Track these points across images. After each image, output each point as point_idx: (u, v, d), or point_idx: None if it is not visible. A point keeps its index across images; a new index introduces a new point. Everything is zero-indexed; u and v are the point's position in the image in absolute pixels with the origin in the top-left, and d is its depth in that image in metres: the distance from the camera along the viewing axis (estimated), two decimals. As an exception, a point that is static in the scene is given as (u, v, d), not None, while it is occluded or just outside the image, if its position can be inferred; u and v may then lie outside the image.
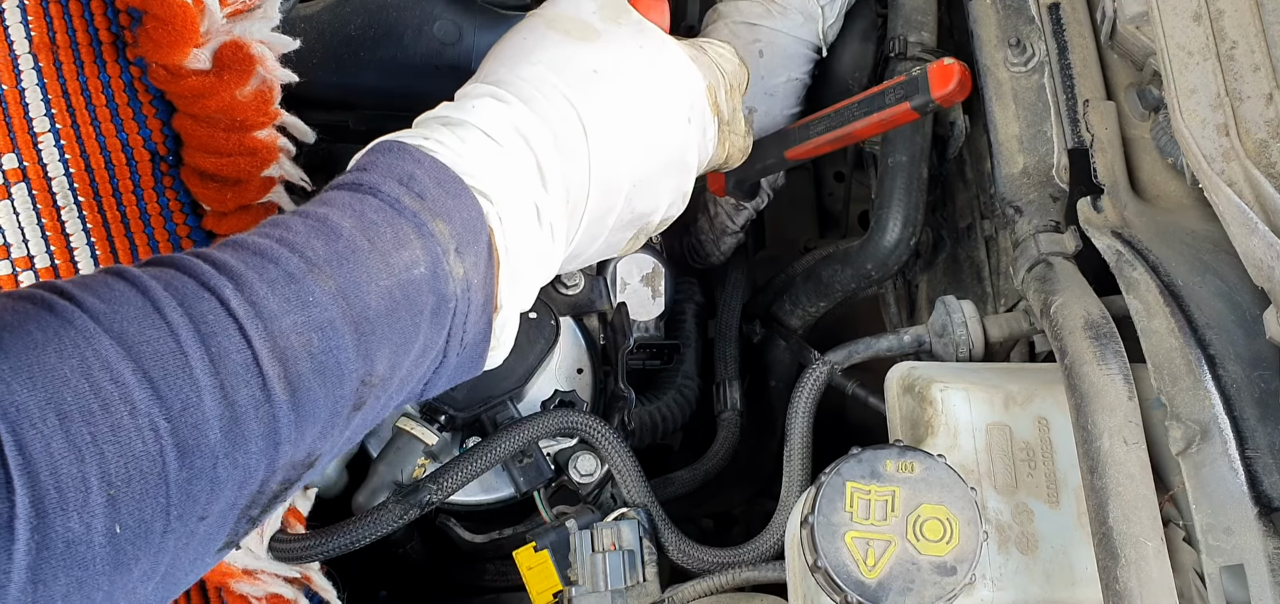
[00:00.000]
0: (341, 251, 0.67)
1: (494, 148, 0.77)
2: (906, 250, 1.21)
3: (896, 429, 0.96)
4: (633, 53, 0.88)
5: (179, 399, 0.58)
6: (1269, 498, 0.77)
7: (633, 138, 0.86)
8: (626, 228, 0.92)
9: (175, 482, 0.58)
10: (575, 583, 1.00)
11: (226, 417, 0.60)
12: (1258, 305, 0.84)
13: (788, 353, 1.35)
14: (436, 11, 1.08)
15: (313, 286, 0.65)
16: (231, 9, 0.87)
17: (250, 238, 0.67)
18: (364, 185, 0.72)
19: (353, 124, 1.08)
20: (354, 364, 0.66)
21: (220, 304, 0.62)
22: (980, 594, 0.84)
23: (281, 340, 0.63)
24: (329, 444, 0.68)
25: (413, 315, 0.69)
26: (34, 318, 0.58)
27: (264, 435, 0.62)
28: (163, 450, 0.57)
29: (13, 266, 0.91)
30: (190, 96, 0.89)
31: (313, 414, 0.65)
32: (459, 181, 0.73)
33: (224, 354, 0.60)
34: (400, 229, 0.70)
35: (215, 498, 0.61)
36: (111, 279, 0.61)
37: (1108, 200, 0.99)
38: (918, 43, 1.22)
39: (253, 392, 0.61)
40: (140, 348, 0.58)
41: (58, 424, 0.54)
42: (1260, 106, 0.86)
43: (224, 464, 0.60)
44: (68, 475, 0.54)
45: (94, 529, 0.55)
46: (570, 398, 1.08)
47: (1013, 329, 1.03)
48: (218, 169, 0.92)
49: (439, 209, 0.72)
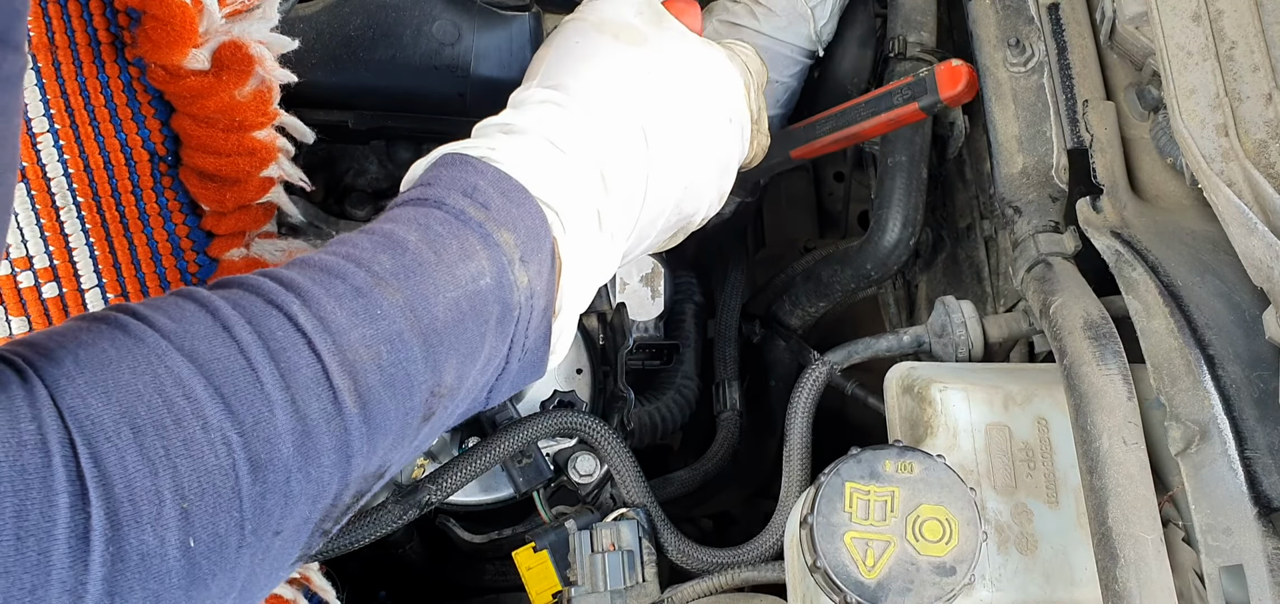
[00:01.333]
0: (408, 265, 0.67)
1: (557, 155, 0.77)
2: (906, 250, 1.21)
3: (896, 429, 0.96)
4: (680, 55, 0.89)
5: (250, 414, 0.59)
6: (1268, 498, 0.77)
7: (685, 141, 0.87)
8: (669, 230, 0.93)
9: (248, 495, 0.58)
10: (574, 583, 1.00)
11: (298, 430, 0.60)
12: (1257, 306, 0.84)
13: (787, 353, 1.35)
14: (436, 11, 1.07)
15: (380, 299, 0.65)
16: (230, 9, 0.87)
17: (317, 256, 0.68)
18: (429, 199, 0.72)
19: (352, 124, 1.08)
20: (423, 375, 0.67)
21: (288, 320, 0.62)
22: (979, 594, 0.84)
23: (350, 353, 0.63)
24: (399, 455, 0.68)
25: (479, 325, 0.70)
26: (107, 336, 0.58)
27: (336, 448, 0.62)
28: (235, 464, 0.58)
29: (11, 267, 0.91)
30: (189, 97, 0.89)
31: (384, 426, 0.65)
32: (523, 191, 0.74)
33: (294, 369, 0.61)
34: (466, 241, 0.70)
35: (289, 512, 0.61)
36: (180, 300, 0.62)
37: (1107, 200, 0.99)
38: (917, 43, 1.22)
39: (324, 405, 0.61)
40: (211, 364, 0.59)
41: (132, 437, 0.55)
42: (1259, 107, 0.86)
43: (297, 478, 0.60)
44: (142, 488, 0.54)
45: (168, 542, 0.55)
46: (569, 398, 1.08)
47: (1012, 329, 1.03)
48: (217, 169, 0.92)
49: (504, 219, 0.72)
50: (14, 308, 0.92)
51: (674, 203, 0.89)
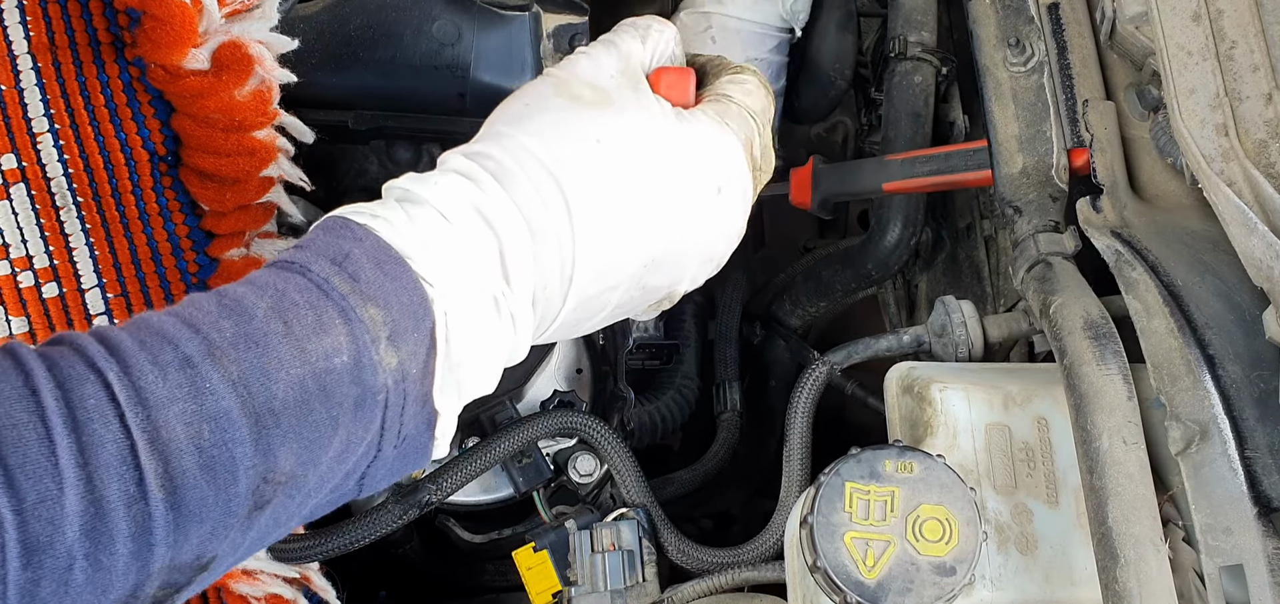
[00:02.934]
0: (251, 334, 0.62)
1: (448, 229, 0.70)
2: (906, 250, 1.21)
3: (896, 429, 0.96)
4: (647, 122, 0.80)
5: (35, 491, 0.54)
6: (1268, 498, 0.77)
7: (637, 216, 0.78)
8: (640, 302, 0.85)
9: (15, 582, 0.53)
10: (574, 583, 1.00)
11: (89, 512, 0.55)
12: (1257, 305, 0.84)
13: (787, 353, 1.35)
14: (436, 11, 1.07)
15: (210, 372, 0.60)
16: (230, 9, 0.87)
17: (155, 317, 0.62)
18: (295, 263, 0.66)
19: (352, 124, 1.08)
20: (251, 460, 0.60)
21: (103, 388, 0.57)
22: (979, 594, 0.84)
23: (165, 431, 0.57)
24: (225, 545, 0.62)
25: (329, 409, 0.63)
26: None
27: (133, 535, 0.57)
28: (4, 545, 0.53)
29: (11, 267, 0.91)
30: (189, 96, 0.89)
31: (198, 513, 0.59)
32: (401, 263, 0.67)
33: (98, 444, 0.56)
34: (323, 313, 0.64)
35: (68, 601, 0.56)
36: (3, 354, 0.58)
37: (1107, 200, 0.99)
38: (918, 43, 1.22)
39: (126, 487, 0.56)
40: (4, 431, 0.54)
41: None
42: (1259, 106, 0.86)
43: (81, 565, 0.55)
44: None
45: None
46: (569, 398, 1.08)
47: (1012, 329, 1.03)
48: (216, 169, 0.92)
49: (373, 293, 0.65)
50: (14, 308, 0.92)
51: (629, 277, 0.80)
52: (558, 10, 1.13)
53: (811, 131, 1.46)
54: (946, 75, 1.23)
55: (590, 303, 0.79)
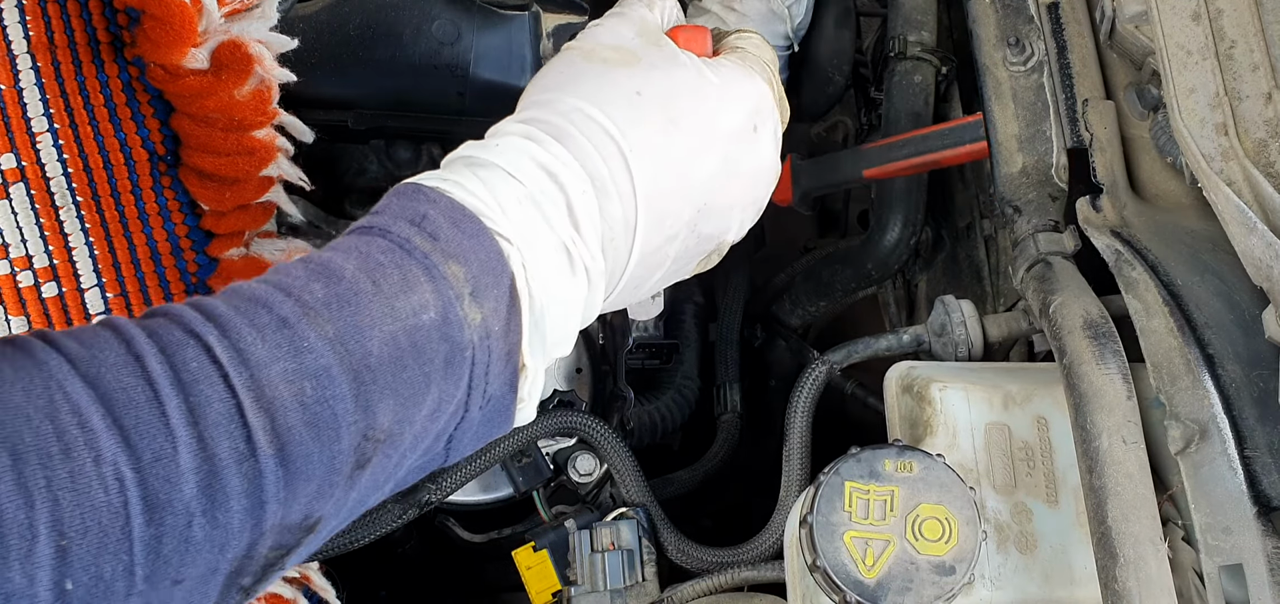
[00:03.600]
0: (342, 294, 0.63)
1: (517, 187, 0.72)
2: (906, 250, 1.21)
3: (895, 429, 0.96)
4: (679, 72, 0.83)
5: (150, 449, 0.55)
6: (1268, 497, 0.77)
7: (688, 161, 0.80)
8: (695, 254, 0.87)
9: (140, 538, 0.54)
10: (574, 583, 1.00)
11: (204, 470, 0.56)
12: (1257, 305, 0.84)
13: (787, 353, 1.35)
14: (435, 11, 1.08)
15: (307, 331, 0.61)
16: (229, 8, 0.87)
17: (247, 284, 0.64)
18: (374, 227, 0.68)
19: (352, 124, 1.08)
20: (352, 416, 0.62)
21: (204, 351, 0.58)
22: (979, 594, 0.84)
23: (269, 389, 0.59)
24: (330, 506, 0.63)
25: (421, 365, 0.64)
26: (6, 358, 0.55)
27: (247, 493, 0.58)
28: (127, 503, 0.54)
29: (11, 267, 0.91)
30: (188, 96, 0.89)
31: (305, 471, 0.60)
32: (476, 222, 0.69)
33: (205, 404, 0.57)
34: (408, 271, 0.65)
35: (190, 560, 0.57)
36: (98, 328, 0.59)
37: (1107, 200, 0.99)
38: (917, 42, 1.22)
39: (235, 444, 0.57)
40: (114, 394, 0.55)
41: (10, 464, 0.51)
42: (1259, 106, 0.86)
43: (200, 522, 0.56)
44: (13, 520, 0.50)
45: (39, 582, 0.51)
46: (569, 398, 1.08)
47: (1012, 329, 1.03)
48: (216, 169, 0.92)
49: (453, 251, 0.67)
50: (14, 308, 0.92)
51: (686, 225, 0.82)
52: (558, 10, 1.13)
53: (812, 131, 1.46)
54: (946, 75, 1.24)
55: (652, 257, 0.81)
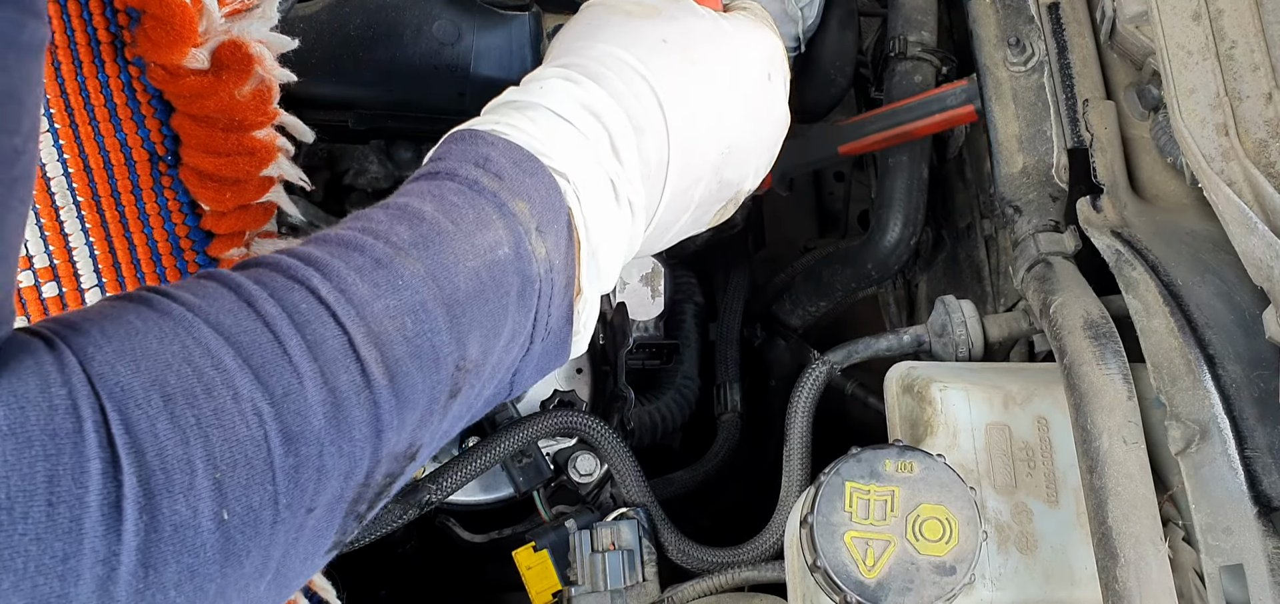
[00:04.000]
0: (426, 235, 0.66)
1: (565, 126, 0.75)
2: (907, 250, 1.21)
3: (896, 429, 0.96)
4: (696, 23, 0.87)
5: (280, 385, 0.57)
6: (1268, 497, 0.77)
7: (713, 105, 0.84)
8: (716, 200, 0.90)
9: (281, 468, 0.57)
10: (575, 583, 1.00)
11: (329, 402, 0.59)
12: (1257, 305, 0.84)
13: (788, 352, 1.35)
14: (436, 11, 1.07)
15: (402, 269, 0.64)
16: (230, 8, 0.87)
17: (333, 231, 0.67)
18: (441, 172, 0.71)
19: (352, 124, 1.08)
20: (449, 347, 0.65)
21: (310, 293, 0.61)
22: (979, 594, 0.84)
23: (375, 325, 0.62)
24: (428, 434, 0.67)
25: (500, 297, 0.68)
26: (132, 310, 0.57)
27: (367, 422, 0.61)
28: (267, 435, 0.56)
29: (12, 267, 0.91)
30: (189, 96, 0.89)
31: (412, 400, 0.63)
32: (535, 161, 0.72)
33: (320, 341, 0.59)
34: (481, 210, 0.69)
35: (322, 488, 0.60)
36: (202, 281, 0.61)
37: (1107, 200, 0.98)
38: (918, 42, 1.22)
39: (352, 377, 0.60)
40: (238, 337, 0.58)
41: (162, 405, 0.53)
42: (1259, 106, 0.86)
43: (330, 451, 0.59)
44: (174, 457, 0.53)
45: (201, 514, 0.53)
46: (569, 398, 1.08)
47: (1012, 329, 1.03)
48: (216, 169, 0.92)
49: (518, 189, 0.70)
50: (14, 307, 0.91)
51: (711, 168, 0.86)
52: (558, 10, 1.13)
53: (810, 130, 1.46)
54: (946, 75, 1.23)
55: (679, 198, 0.84)
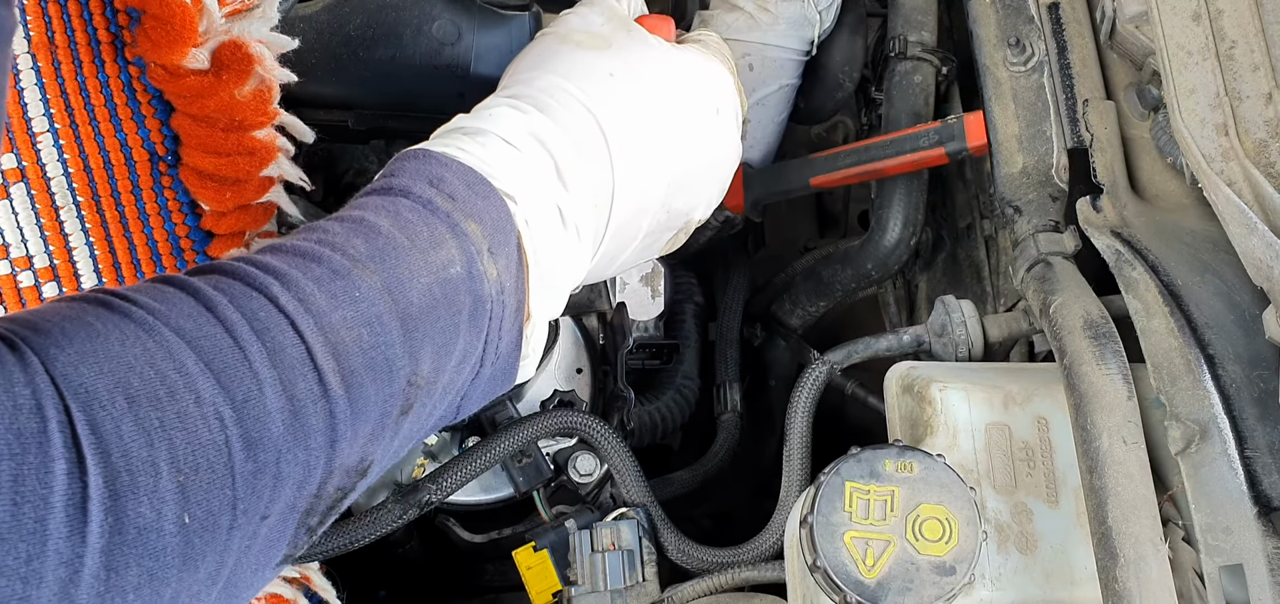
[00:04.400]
0: (382, 249, 0.67)
1: (513, 152, 0.77)
2: (907, 250, 1.21)
3: (896, 429, 0.96)
4: (646, 57, 0.88)
5: (241, 390, 0.58)
6: (1268, 497, 0.77)
7: (659, 138, 0.85)
8: (665, 229, 0.92)
9: (241, 473, 0.57)
10: (575, 583, 1.00)
11: (287, 410, 0.59)
12: (1257, 305, 0.84)
13: (787, 353, 1.35)
14: (436, 11, 1.07)
15: (359, 281, 0.65)
16: (230, 8, 0.87)
17: (289, 242, 0.67)
18: (394, 189, 0.72)
19: (352, 124, 1.08)
20: (402, 361, 0.66)
21: (269, 302, 0.61)
22: (979, 594, 0.84)
23: (332, 335, 0.62)
24: (379, 450, 0.67)
25: (452, 315, 0.69)
26: (90, 312, 0.57)
27: (323, 430, 0.61)
28: (228, 440, 0.57)
29: (11, 266, 0.91)
30: (189, 96, 0.89)
31: (366, 412, 0.64)
32: (486, 184, 0.73)
33: (279, 349, 0.60)
34: (435, 228, 0.70)
35: (277, 495, 0.60)
36: (160, 285, 0.61)
37: (1107, 200, 0.99)
38: (918, 42, 1.22)
39: (310, 385, 0.61)
40: (199, 342, 0.58)
41: (127, 407, 0.53)
42: (1259, 106, 0.86)
43: (287, 458, 0.59)
44: (139, 459, 0.52)
45: (165, 517, 0.53)
46: (569, 398, 1.08)
47: (1012, 329, 1.03)
48: (216, 169, 0.92)
49: (470, 210, 0.71)
50: (14, 307, 0.92)
51: (657, 200, 0.87)
52: (558, 10, 1.13)
53: (812, 131, 1.46)
54: (946, 75, 1.23)
55: (626, 228, 0.86)
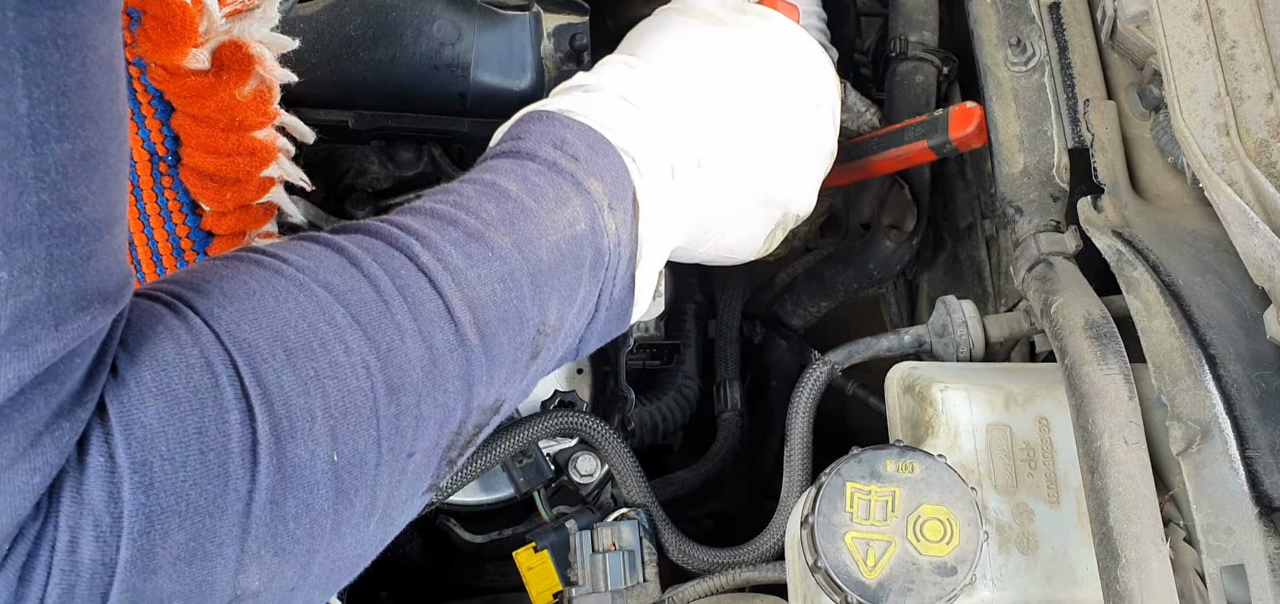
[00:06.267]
0: (511, 212, 0.72)
1: (631, 110, 0.81)
2: (908, 250, 1.21)
3: (897, 429, 0.96)
4: (763, 37, 0.92)
5: (384, 341, 0.63)
6: (1269, 498, 0.77)
7: (767, 121, 0.90)
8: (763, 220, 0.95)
9: (385, 416, 0.62)
10: (575, 583, 1.00)
11: (426, 359, 0.64)
12: (1258, 305, 0.84)
13: (788, 353, 1.35)
14: (436, 11, 1.07)
15: (493, 242, 0.70)
16: (230, 9, 0.87)
17: (427, 203, 0.72)
18: (522, 151, 0.77)
19: (352, 124, 1.08)
20: (531, 313, 0.71)
21: (410, 260, 0.67)
22: (980, 594, 0.84)
23: (469, 291, 0.68)
24: (512, 390, 0.73)
25: (576, 268, 0.74)
26: (246, 271, 0.62)
27: (460, 377, 0.67)
28: (373, 387, 0.62)
29: (12, 267, 0.91)
30: (189, 96, 0.89)
31: (500, 359, 0.69)
32: (606, 142, 0.78)
33: (419, 303, 0.65)
34: (561, 189, 0.75)
35: (420, 435, 0.65)
36: (306, 243, 0.66)
37: (1108, 200, 0.98)
38: (918, 42, 1.22)
39: (447, 336, 0.66)
40: (346, 296, 0.63)
41: (285, 360, 0.59)
42: (1260, 106, 0.86)
43: (427, 402, 0.64)
44: (298, 406, 0.58)
45: (318, 457, 0.59)
46: (570, 398, 1.08)
47: (1013, 329, 1.03)
48: (217, 169, 0.92)
49: (592, 169, 0.76)
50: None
51: (761, 188, 0.91)
52: (558, 10, 1.13)
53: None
54: (948, 75, 1.23)
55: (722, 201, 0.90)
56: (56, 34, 0.49)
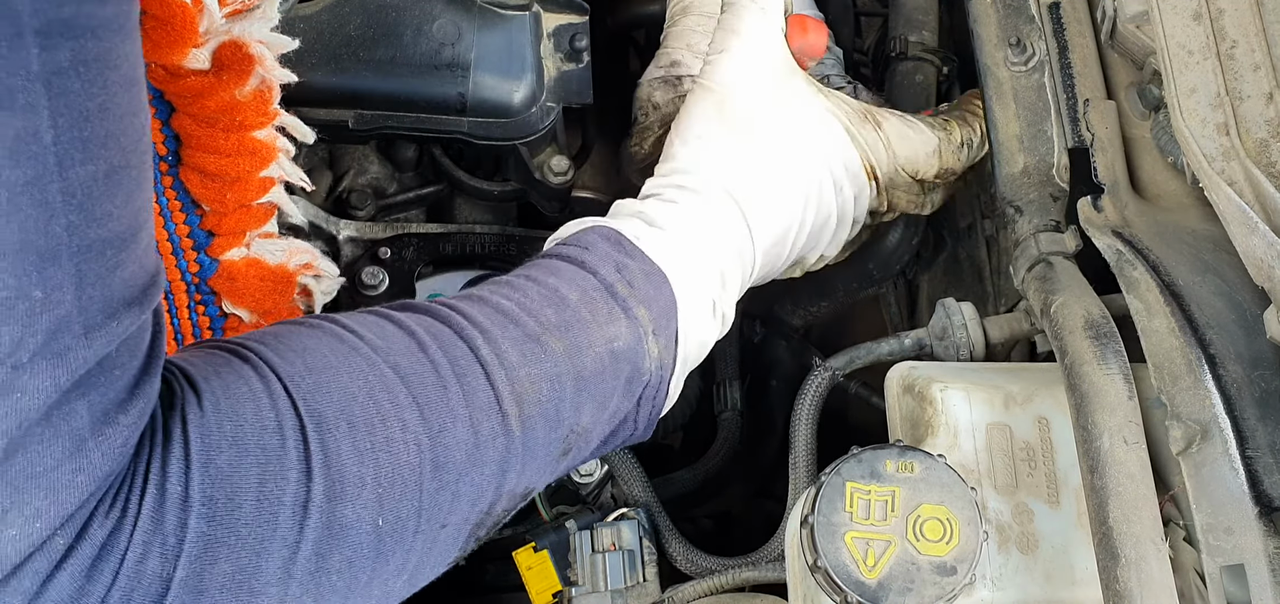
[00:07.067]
0: (568, 320, 0.79)
1: (686, 249, 0.88)
2: (908, 250, 1.21)
3: (896, 429, 0.96)
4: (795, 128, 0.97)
5: (438, 421, 0.70)
6: (1269, 498, 0.77)
7: (794, 221, 0.96)
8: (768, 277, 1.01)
9: (428, 489, 0.69)
10: (575, 583, 1.00)
11: (471, 442, 0.71)
12: (1258, 305, 0.84)
13: (788, 353, 1.35)
14: (436, 11, 1.07)
15: (547, 344, 0.77)
16: (230, 9, 0.87)
17: (494, 298, 0.79)
18: (587, 265, 0.84)
19: (352, 124, 1.08)
20: (569, 413, 0.78)
21: (470, 351, 0.74)
22: (980, 594, 0.84)
23: (518, 386, 0.74)
24: (540, 481, 0.80)
25: (614, 381, 0.81)
26: (326, 343, 0.71)
27: (497, 463, 0.73)
28: (422, 462, 0.69)
29: (12, 267, 0.91)
30: (189, 96, 0.89)
31: (535, 451, 0.76)
32: (663, 277, 0.86)
33: (473, 391, 0.72)
34: (613, 309, 0.82)
35: (454, 510, 0.72)
36: (380, 320, 0.74)
37: (1108, 200, 0.98)
38: (918, 42, 1.22)
39: (493, 424, 0.73)
40: (411, 377, 0.70)
41: (348, 431, 0.66)
42: (1260, 106, 0.86)
43: (465, 481, 0.71)
44: (352, 473, 0.65)
45: (363, 520, 0.66)
46: (570, 398, 1.08)
47: (1013, 330, 1.03)
48: (217, 169, 0.92)
49: (644, 297, 0.84)
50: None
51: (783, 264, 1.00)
52: (558, 10, 1.13)
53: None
54: (947, 75, 1.23)
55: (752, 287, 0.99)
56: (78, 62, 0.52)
